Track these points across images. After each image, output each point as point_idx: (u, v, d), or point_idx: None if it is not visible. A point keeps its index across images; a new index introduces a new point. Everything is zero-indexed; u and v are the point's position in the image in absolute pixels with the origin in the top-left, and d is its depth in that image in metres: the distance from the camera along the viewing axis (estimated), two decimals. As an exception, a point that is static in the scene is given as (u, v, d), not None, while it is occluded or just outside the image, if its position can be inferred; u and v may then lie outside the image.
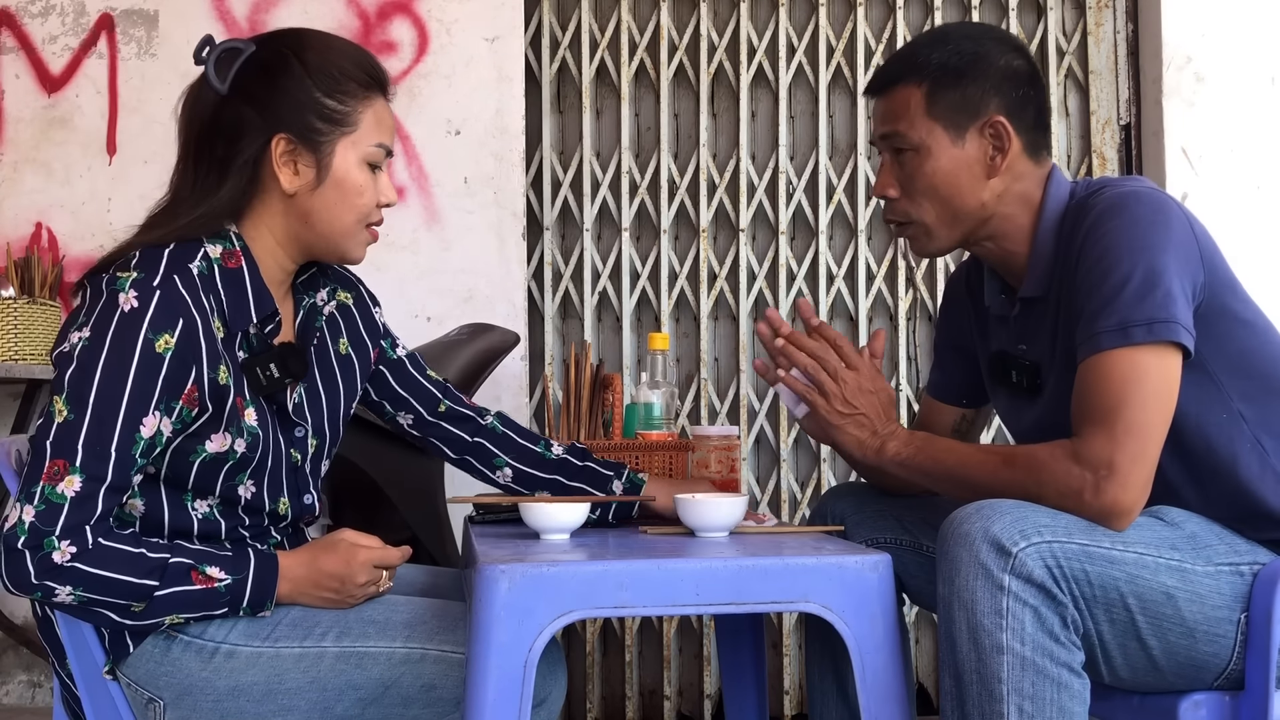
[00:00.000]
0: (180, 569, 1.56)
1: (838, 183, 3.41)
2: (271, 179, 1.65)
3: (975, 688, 1.54)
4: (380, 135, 1.69)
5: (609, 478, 1.98)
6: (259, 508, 1.71)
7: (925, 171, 1.77)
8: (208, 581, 1.58)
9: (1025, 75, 1.79)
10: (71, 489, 1.50)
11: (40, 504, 1.49)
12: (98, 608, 1.54)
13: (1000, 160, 1.77)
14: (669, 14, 3.39)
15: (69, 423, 1.51)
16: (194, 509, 1.65)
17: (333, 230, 1.68)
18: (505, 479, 1.98)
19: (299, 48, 1.67)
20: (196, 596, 1.57)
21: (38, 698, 3.22)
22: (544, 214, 3.36)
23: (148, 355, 1.53)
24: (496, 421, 1.99)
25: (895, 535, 1.94)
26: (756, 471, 3.42)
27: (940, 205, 1.78)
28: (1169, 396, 1.62)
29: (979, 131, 1.77)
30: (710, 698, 3.33)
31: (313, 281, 1.80)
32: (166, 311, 1.54)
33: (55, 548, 1.49)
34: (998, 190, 1.78)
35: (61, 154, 3.21)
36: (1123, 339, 1.61)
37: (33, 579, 1.49)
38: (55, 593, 1.51)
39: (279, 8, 3.27)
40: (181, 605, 1.56)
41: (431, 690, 1.64)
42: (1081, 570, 1.55)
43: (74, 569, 1.50)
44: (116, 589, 1.52)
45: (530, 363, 3.33)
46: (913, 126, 1.77)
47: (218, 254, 1.64)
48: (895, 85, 1.80)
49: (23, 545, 1.49)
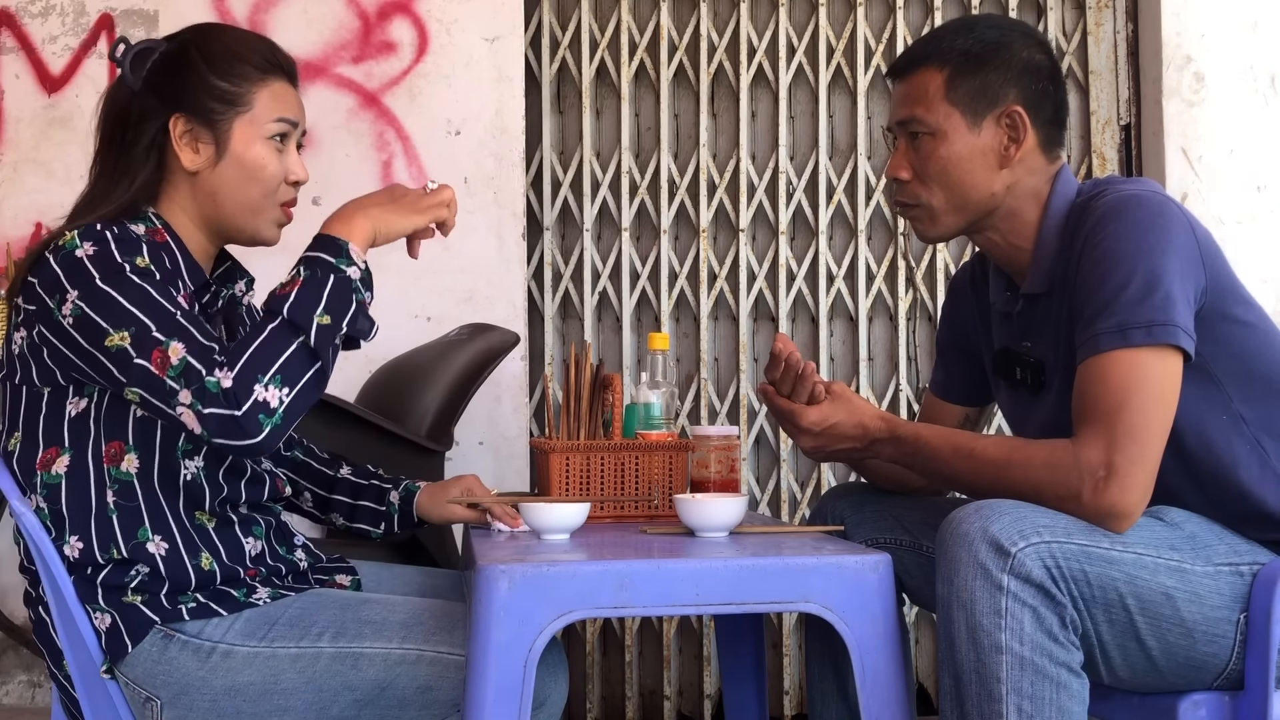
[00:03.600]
0: (276, 300, 1.59)
1: (838, 183, 3.41)
2: (175, 159, 1.72)
3: (974, 687, 1.54)
4: (279, 112, 1.74)
5: (388, 490, 2.02)
6: (239, 469, 1.73)
7: (939, 155, 1.78)
8: (293, 283, 1.60)
9: (1046, 70, 1.80)
10: (179, 353, 1.53)
11: (179, 382, 1.52)
12: (293, 370, 1.55)
13: (1014, 151, 1.77)
14: (669, 14, 3.39)
15: (134, 334, 1.55)
16: (185, 466, 1.67)
17: (239, 206, 1.74)
18: (308, 504, 2.03)
19: (198, 38, 1.77)
20: (302, 292, 1.59)
21: (38, 698, 3.22)
22: (544, 214, 3.36)
23: (138, 270, 1.59)
24: (298, 452, 2.04)
25: (895, 535, 1.94)
26: (756, 471, 3.42)
27: (950, 191, 1.79)
28: (1169, 399, 1.62)
29: (995, 120, 1.77)
30: (710, 698, 3.33)
31: (230, 274, 1.85)
32: (126, 242, 1.62)
33: (218, 382, 1.51)
34: (1008, 181, 1.79)
35: (61, 154, 3.21)
36: (1122, 340, 1.61)
37: (238, 414, 1.51)
38: (262, 400, 1.52)
39: (279, 7, 3.27)
40: (306, 304, 1.58)
41: (428, 692, 1.63)
42: (1080, 570, 1.54)
43: (245, 373, 1.52)
44: (273, 346, 1.55)
45: (530, 363, 3.33)
46: (931, 110, 1.78)
47: (142, 232, 1.68)
48: (917, 68, 1.81)
49: (207, 410, 1.51)
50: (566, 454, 2.07)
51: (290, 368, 1.55)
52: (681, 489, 2.10)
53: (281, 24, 3.26)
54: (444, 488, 2.00)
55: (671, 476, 2.10)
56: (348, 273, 1.62)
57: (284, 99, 1.76)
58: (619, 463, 2.09)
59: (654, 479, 2.09)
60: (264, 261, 2.72)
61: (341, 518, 2.01)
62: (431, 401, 2.72)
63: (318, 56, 3.27)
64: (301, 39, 3.26)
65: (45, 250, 1.63)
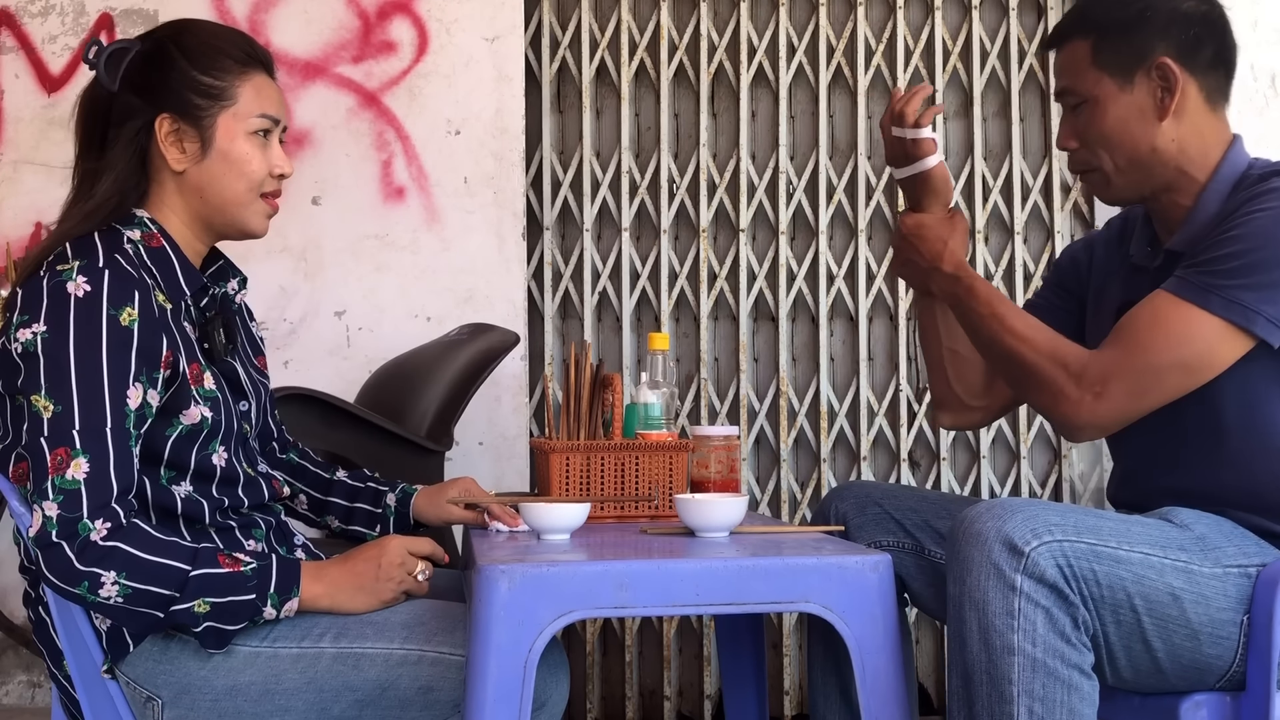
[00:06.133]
0: (208, 552, 1.58)
1: (838, 183, 3.41)
2: (161, 159, 1.71)
3: (985, 688, 1.53)
4: (262, 106, 1.74)
5: (384, 492, 2.01)
6: (233, 478, 1.72)
7: (1097, 120, 1.80)
8: (234, 564, 1.59)
9: (1199, 17, 1.80)
10: (80, 472, 1.51)
11: (58, 495, 1.50)
12: (140, 603, 1.53)
13: (1169, 101, 1.78)
14: (669, 14, 3.39)
15: (57, 414, 1.52)
16: (175, 490, 1.66)
17: (227, 200, 1.73)
18: (303, 507, 2.02)
19: (176, 35, 1.74)
20: (223, 579, 1.57)
21: (38, 698, 3.22)
22: (544, 214, 3.36)
23: (115, 332, 1.56)
24: (294, 454, 2.03)
25: (897, 538, 1.94)
26: (756, 471, 3.42)
27: (1115, 152, 1.80)
28: (1201, 372, 1.65)
29: (1146, 74, 1.78)
30: (710, 698, 3.33)
31: (222, 273, 1.84)
32: (121, 287, 1.58)
33: (91, 529, 1.50)
34: (1172, 135, 1.79)
35: (61, 154, 3.20)
36: (1199, 297, 1.64)
37: (77, 566, 1.50)
38: (101, 581, 1.51)
39: (279, 7, 3.27)
40: (212, 588, 1.56)
41: (429, 692, 1.63)
42: (1090, 570, 1.54)
43: (116, 549, 1.51)
44: (157, 574, 1.53)
45: (530, 363, 3.33)
46: (1082, 79, 1.81)
47: (138, 237, 1.68)
48: (1066, 40, 1.84)
49: (58, 537, 1.50)
50: (566, 454, 2.07)
51: (142, 596, 1.53)
52: (681, 489, 2.10)
53: (281, 24, 3.26)
54: (441, 490, 2.00)
55: (671, 476, 2.10)
56: (264, 612, 1.60)
57: (266, 94, 1.75)
58: (619, 463, 2.09)
59: (654, 479, 2.09)
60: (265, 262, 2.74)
61: (337, 520, 2.01)
62: (431, 401, 2.71)
63: (318, 56, 3.27)
64: (301, 39, 3.26)
65: (44, 261, 1.61)
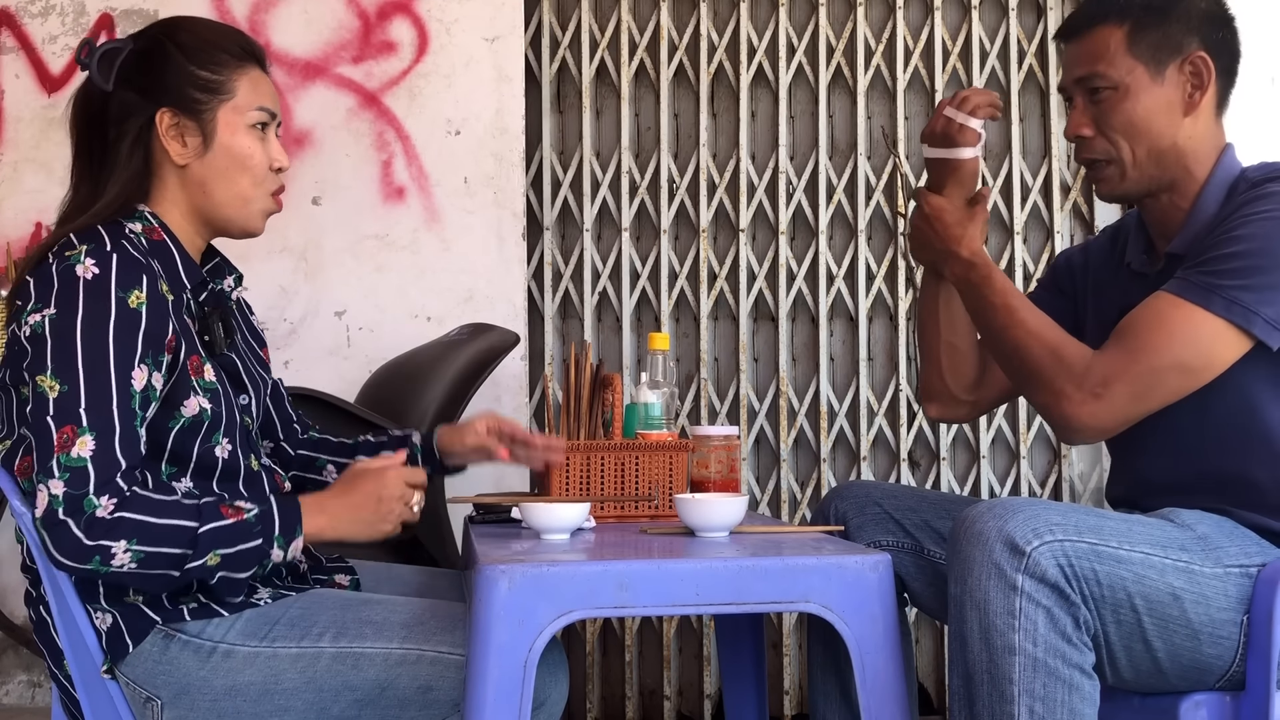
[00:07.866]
0: (210, 505, 1.59)
1: (838, 183, 3.41)
2: (163, 154, 1.71)
3: (985, 688, 1.53)
4: (259, 99, 1.75)
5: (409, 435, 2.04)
6: (234, 470, 1.72)
7: (1124, 109, 1.79)
8: (237, 513, 1.59)
9: (1224, 19, 1.83)
10: (86, 449, 1.52)
11: (64, 473, 1.51)
12: (155, 566, 1.54)
13: (1199, 97, 1.80)
14: (669, 14, 3.39)
15: (64, 393, 1.53)
16: (176, 486, 1.66)
17: (231, 196, 1.74)
18: (332, 477, 2.02)
19: (171, 31, 1.75)
20: (230, 530, 1.58)
21: (38, 698, 3.22)
22: (544, 214, 3.36)
23: (124, 313, 1.57)
24: (314, 433, 2.05)
25: (897, 538, 1.94)
26: (756, 471, 3.42)
27: (1137, 143, 1.80)
28: (1201, 373, 1.66)
29: (1179, 68, 1.79)
30: (710, 698, 3.33)
31: (218, 269, 1.84)
32: (129, 270, 1.59)
33: (96, 505, 1.51)
34: (1189, 133, 1.80)
35: (61, 154, 3.16)
36: (1201, 298, 1.65)
37: (85, 542, 1.50)
38: (112, 552, 1.51)
39: (279, 7, 3.27)
40: (221, 540, 1.57)
41: (428, 692, 1.63)
42: (1091, 569, 1.54)
43: (123, 519, 1.51)
44: (167, 535, 1.53)
45: (530, 363, 3.33)
46: (1113, 65, 1.79)
47: (139, 230, 1.69)
48: (1095, 27, 1.82)
49: (64, 515, 1.50)
50: (566, 454, 2.07)
51: (155, 559, 1.53)
52: (681, 489, 2.10)
53: (281, 24, 3.26)
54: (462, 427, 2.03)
55: (671, 476, 2.10)
56: (272, 555, 1.61)
57: (262, 88, 1.76)
58: (619, 463, 2.09)
59: (654, 479, 2.09)
60: (265, 262, 2.74)
61: None
62: (431, 401, 2.72)
63: (318, 56, 3.27)
64: (301, 39, 3.26)
65: (49, 252, 1.62)
